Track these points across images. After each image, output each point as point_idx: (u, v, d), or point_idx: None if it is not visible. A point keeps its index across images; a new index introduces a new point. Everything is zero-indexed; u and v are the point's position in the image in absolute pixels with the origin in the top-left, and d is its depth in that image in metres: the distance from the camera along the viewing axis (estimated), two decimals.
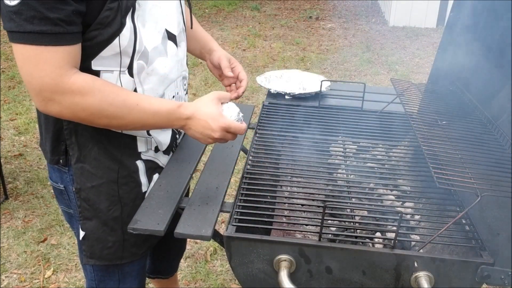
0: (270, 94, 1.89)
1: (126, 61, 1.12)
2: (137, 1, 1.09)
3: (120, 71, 1.12)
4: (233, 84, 1.53)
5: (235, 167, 1.43)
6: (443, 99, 1.59)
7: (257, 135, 1.55)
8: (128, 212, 1.27)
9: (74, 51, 1.02)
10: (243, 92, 1.50)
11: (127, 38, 1.09)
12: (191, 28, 1.46)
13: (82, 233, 1.26)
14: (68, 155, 1.21)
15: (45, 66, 0.99)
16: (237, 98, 1.48)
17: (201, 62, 5.42)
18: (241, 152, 1.55)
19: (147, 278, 1.77)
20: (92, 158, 1.20)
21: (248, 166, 1.38)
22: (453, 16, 1.64)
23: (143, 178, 1.29)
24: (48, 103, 1.03)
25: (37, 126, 3.85)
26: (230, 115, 1.16)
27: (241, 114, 1.19)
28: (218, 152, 1.48)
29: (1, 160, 3.05)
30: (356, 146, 1.58)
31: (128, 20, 1.08)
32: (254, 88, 4.78)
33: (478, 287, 1.08)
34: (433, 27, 7.04)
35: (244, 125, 1.17)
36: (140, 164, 1.28)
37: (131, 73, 1.15)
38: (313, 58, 5.75)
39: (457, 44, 1.62)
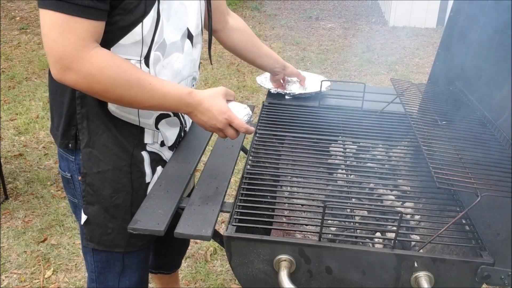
0: (270, 94, 1.89)
1: (144, 50, 1.16)
2: None
3: (138, 60, 1.17)
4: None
5: (235, 167, 1.43)
6: (443, 99, 1.59)
7: (257, 135, 1.55)
8: (130, 201, 1.29)
9: (99, 26, 1.07)
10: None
11: (147, 27, 1.13)
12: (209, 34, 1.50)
13: (84, 217, 1.29)
14: (77, 140, 1.24)
15: (70, 35, 1.03)
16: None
17: (201, 62, 5.42)
18: (241, 152, 1.55)
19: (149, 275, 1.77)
20: (101, 144, 1.23)
21: (248, 166, 1.38)
22: (453, 16, 1.64)
23: (147, 169, 1.32)
24: (66, 71, 1.06)
25: (37, 126, 3.86)
26: (236, 112, 1.21)
27: (248, 115, 1.22)
28: (218, 152, 1.48)
29: (1, 160, 3.05)
30: (356, 146, 1.58)
31: (153, 10, 1.13)
32: (254, 88, 4.78)
33: (478, 287, 1.08)
34: (433, 27, 7.04)
35: (248, 127, 1.21)
36: (145, 155, 1.31)
37: (147, 63, 1.19)
38: (313, 58, 5.75)
39: (457, 44, 1.63)
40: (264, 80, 1.94)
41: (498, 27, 1.38)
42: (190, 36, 1.30)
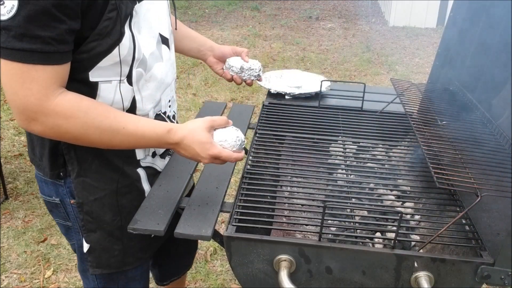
0: (270, 94, 1.89)
1: (125, 70, 1.11)
2: (134, 8, 1.08)
3: (119, 80, 1.11)
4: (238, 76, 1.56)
5: (235, 167, 1.43)
6: (443, 99, 1.59)
7: (257, 135, 1.55)
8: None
9: (62, 70, 1.00)
10: (247, 55, 1.57)
11: (126, 47, 1.07)
12: (175, 29, 1.44)
13: (86, 246, 1.24)
14: (67, 167, 1.18)
15: (31, 85, 0.95)
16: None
17: (201, 62, 5.42)
18: None
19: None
20: (93, 171, 1.18)
21: (248, 166, 1.38)
22: (453, 16, 1.64)
23: (145, 185, 1.29)
24: (31, 123, 1.00)
25: None
26: (225, 140, 1.13)
27: (240, 141, 1.15)
28: None
29: (1, 160, 3.05)
30: (356, 146, 1.58)
31: (126, 28, 1.07)
32: (254, 88, 4.78)
33: (478, 287, 1.08)
34: (433, 27, 7.04)
35: (236, 155, 1.14)
36: (141, 172, 1.27)
37: (130, 82, 1.13)
38: (313, 58, 5.75)
39: (457, 44, 1.63)
40: (264, 80, 1.94)
41: (498, 27, 1.38)
42: (164, 41, 1.24)
